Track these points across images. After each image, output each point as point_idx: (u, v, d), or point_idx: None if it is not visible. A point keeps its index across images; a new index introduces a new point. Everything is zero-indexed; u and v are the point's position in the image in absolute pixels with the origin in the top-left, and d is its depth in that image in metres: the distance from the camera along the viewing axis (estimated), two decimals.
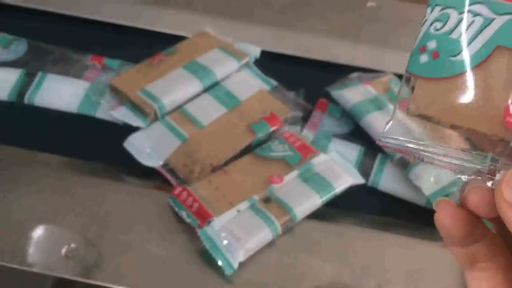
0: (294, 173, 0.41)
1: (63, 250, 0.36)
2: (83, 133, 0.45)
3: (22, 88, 0.46)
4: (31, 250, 0.37)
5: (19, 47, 0.50)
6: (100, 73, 0.48)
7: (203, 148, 0.42)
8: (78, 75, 0.48)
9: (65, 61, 0.49)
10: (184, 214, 0.38)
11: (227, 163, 0.42)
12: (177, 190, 0.39)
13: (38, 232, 0.37)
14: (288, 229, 0.39)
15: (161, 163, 0.41)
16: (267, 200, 0.39)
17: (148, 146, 0.42)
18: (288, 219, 0.39)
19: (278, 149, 0.42)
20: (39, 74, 0.47)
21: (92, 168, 0.42)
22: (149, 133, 0.43)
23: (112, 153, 0.43)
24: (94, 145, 0.44)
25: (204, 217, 0.38)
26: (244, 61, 0.48)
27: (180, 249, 0.38)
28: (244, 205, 0.39)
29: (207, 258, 0.37)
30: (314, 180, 0.41)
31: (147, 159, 0.41)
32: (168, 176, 0.41)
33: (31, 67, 0.48)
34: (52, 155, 0.43)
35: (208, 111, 0.44)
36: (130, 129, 0.43)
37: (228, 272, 0.36)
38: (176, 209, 0.39)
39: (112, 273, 0.36)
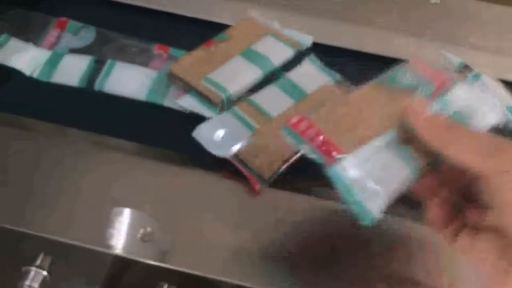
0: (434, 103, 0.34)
1: (139, 234, 0.37)
2: (151, 120, 0.46)
3: (92, 74, 0.47)
4: (108, 233, 0.38)
5: (88, 35, 0.51)
6: (166, 63, 0.49)
7: (274, 140, 0.42)
8: (144, 64, 0.49)
9: (132, 50, 0.50)
10: (306, 149, 0.33)
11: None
12: (294, 119, 0.34)
13: (114, 215, 0.38)
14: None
15: (232, 153, 0.41)
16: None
17: (218, 136, 0.42)
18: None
19: (404, 79, 0.36)
20: (109, 61, 0.48)
21: (162, 155, 0.43)
22: (219, 123, 0.43)
23: (181, 141, 0.43)
24: (163, 133, 0.45)
25: (332, 153, 0.32)
26: (297, 49, 0.49)
27: (251, 238, 0.38)
28: (380, 141, 0.33)
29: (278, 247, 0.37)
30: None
31: (217, 149, 0.42)
32: (239, 166, 0.41)
33: (100, 54, 0.49)
34: (123, 140, 0.44)
35: (276, 102, 0.45)
36: (197, 118, 0.44)
37: (368, 222, 0.31)
38: (293, 142, 0.34)
39: (186, 258, 0.37)
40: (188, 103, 0.44)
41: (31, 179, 0.41)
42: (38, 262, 0.43)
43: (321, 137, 0.33)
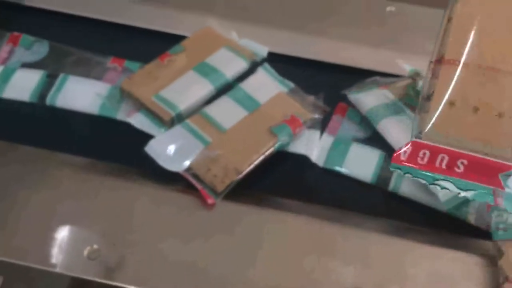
0: None
1: (86, 251, 0.37)
2: (104, 135, 0.45)
3: (43, 89, 0.47)
4: (53, 250, 0.37)
5: (41, 49, 0.50)
6: (121, 76, 0.49)
7: (227, 152, 0.42)
8: (98, 77, 0.48)
9: (86, 63, 0.49)
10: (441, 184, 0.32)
11: None
12: (402, 152, 0.34)
13: (60, 233, 0.38)
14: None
15: (184, 167, 0.41)
16: None
17: (170, 151, 0.42)
18: None
19: None
20: (61, 75, 0.47)
21: (113, 170, 0.43)
22: (171, 137, 0.43)
23: (134, 156, 0.43)
24: (115, 147, 0.44)
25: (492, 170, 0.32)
26: (251, 60, 0.49)
27: (202, 253, 0.38)
28: None
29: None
30: None
31: (170, 164, 0.41)
32: (193, 180, 0.41)
33: (53, 68, 0.48)
34: (74, 156, 0.43)
35: (229, 114, 0.44)
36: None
37: None
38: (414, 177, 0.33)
39: (134, 275, 0.36)
40: (138, 121, 0.44)
41: None
42: None
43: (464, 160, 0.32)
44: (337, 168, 0.44)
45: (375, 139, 0.46)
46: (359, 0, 0.56)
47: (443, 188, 0.34)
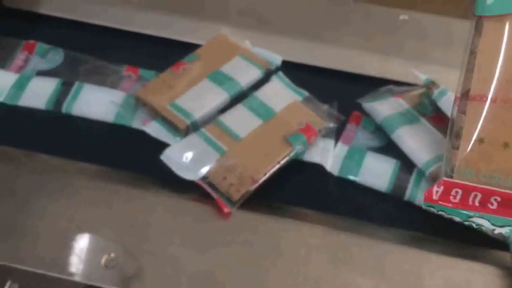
0: None
1: (103, 260, 0.37)
2: (119, 143, 0.45)
3: (59, 97, 0.47)
4: (70, 259, 0.37)
5: (56, 57, 0.50)
6: (136, 84, 0.49)
7: (242, 161, 0.42)
8: (113, 86, 0.48)
9: (101, 71, 0.50)
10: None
11: None
12: (434, 191, 0.35)
13: (77, 241, 0.38)
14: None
15: (200, 176, 0.41)
16: None
17: (186, 159, 0.42)
18: None
19: None
20: (76, 83, 0.48)
21: (129, 178, 0.43)
22: (187, 146, 0.43)
23: (149, 164, 0.43)
24: (131, 155, 0.44)
25: None
26: (265, 69, 0.49)
27: (218, 263, 0.38)
28: None
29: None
30: None
31: (186, 172, 0.41)
32: (208, 189, 0.41)
33: (68, 76, 0.49)
34: (90, 164, 0.44)
35: (244, 123, 0.45)
36: None
37: None
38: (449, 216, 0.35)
39: (150, 284, 0.36)
40: (153, 129, 0.44)
41: None
42: None
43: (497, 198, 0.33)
44: (352, 177, 0.44)
45: (390, 148, 0.46)
46: (372, 8, 0.56)
47: (477, 225, 0.34)
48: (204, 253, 0.38)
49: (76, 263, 0.37)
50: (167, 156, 0.42)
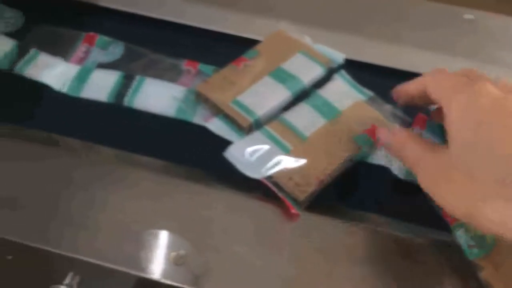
0: None
1: (171, 257, 0.37)
2: (180, 138, 0.45)
3: (121, 90, 0.47)
4: (137, 253, 0.37)
5: (116, 50, 0.50)
6: (195, 79, 0.48)
7: (308, 160, 0.41)
8: (173, 80, 0.48)
9: (160, 65, 0.49)
10: None
11: None
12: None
13: (144, 236, 0.38)
14: None
15: (265, 175, 0.41)
16: None
17: (250, 157, 0.41)
18: None
19: None
20: (137, 77, 0.48)
21: (190, 174, 0.42)
22: (251, 143, 0.42)
23: (210, 160, 0.43)
24: (192, 151, 0.44)
25: None
26: (328, 67, 0.48)
27: (286, 262, 0.37)
28: None
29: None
30: None
31: (250, 171, 0.41)
32: (274, 189, 0.40)
33: (128, 69, 0.48)
34: (151, 158, 0.43)
35: (308, 121, 0.44)
36: None
37: None
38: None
39: (219, 283, 0.36)
40: (216, 126, 0.44)
41: (58, 197, 0.40)
42: (67, 281, 0.42)
43: None
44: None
45: None
46: (436, 6, 0.55)
47: None
48: (271, 253, 0.38)
49: (145, 259, 0.37)
50: (230, 154, 0.42)
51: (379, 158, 0.43)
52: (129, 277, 0.37)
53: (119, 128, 0.46)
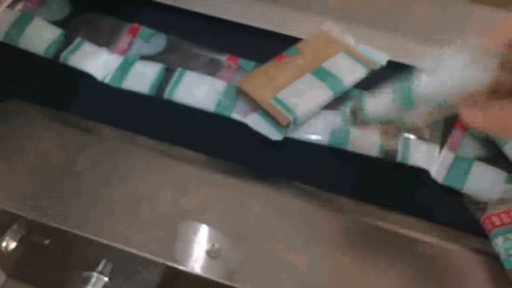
0: None
1: (207, 249, 0.37)
2: (221, 132, 0.45)
3: (162, 82, 0.47)
4: (173, 244, 0.37)
5: (159, 42, 0.51)
6: (235, 74, 0.48)
7: None
8: (214, 74, 0.48)
9: (202, 59, 0.49)
10: None
11: None
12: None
13: (182, 227, 0.38)
14: None
15: None
16: None
17: None
18: None
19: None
20: (178, 70, 0.48)
21: (229, 168, 0.42)
22: None
23: (248, 155, 0.43)
24: (232, 146, 0.44)
25: None
26: (370, 68, 0.47)
27: (322, 264, 0.37)
28: None
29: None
30: None
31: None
32: None
33: (170, 62, 0.49)
34: (192, 152, 0.43)
35: None
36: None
37: None
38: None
39: (254, 279, 0.36)
40: (255, 122, 0.44)
41: (99, 185, 0.41)
42: (99, 268, 0.43)
43: None
44: (458, 187, 0.42)
45: (499, 160, 0.43)
46: (486, 11, 0.53)
47: None
48: (308, 251, 0.37)
49: (180, 250, 0.37)
50: None
51: (417, 160, 0.42)
52: (162, 267, 0.37)
53: (159, 120, 0.46)
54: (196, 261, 0.36)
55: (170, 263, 0.36)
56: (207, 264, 0.36)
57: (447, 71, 0.32)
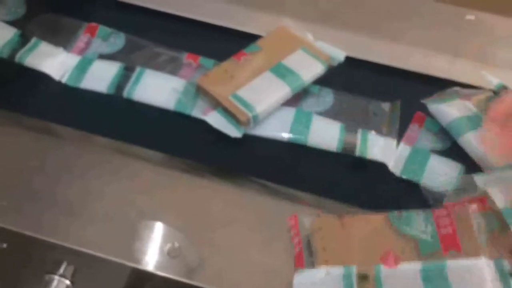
0: (417, 265, 0.34)
1: (166, 249, 0.36)
2: (180, 131, 0.45)
3: (121, 81, 0.47)
4: (132, 244, 0.37)
5: (117, 41, 0.50)
6: (195, 72, 0.48)
7: None
8: (174, 73, 0.48)
9: (162, 58, 0.49)
10: None
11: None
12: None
13: (140, 227, 0.38)
14: None
15: None
16: (364, 277, 0.34)
17: None
18: None
19: (416, 225, 0.36)
20: (138, 69, 0.47)
21: (188, 166, 0.42)
22: None
23: (210, 153, 0.43)
24: (191, 144, 0.44)
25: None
26: (328, 64, 0.48)
27: (279, 257, 0.37)
28: (337, 271, 0.35)
29: None
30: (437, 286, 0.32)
31: None
32: None
33: (129, 61, 0.48)
34: (150, 150, 0.43)
35: None
36: None
37: None
38: None
39: (212, 275, 0.36)
40: (214, 120, 0.44)
41: (55, 187, 0.40)
42: (61, 271, 0.42)
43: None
44: (416, 179, 0.43)
45: (454, 151, 0.44)
46: (438, 6, 0.54)
47: None
48: (268, 247, 0.38)
49: (140, 250, 0.37)
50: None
51: (375, 154, 0.43)
52: (123, 268, 0.37)
53: (118, 119, 0.46)
54: (156, 260, 0.36)
55: (128, 263, 0.36)
56: (168, 263, 0.36)
57: None
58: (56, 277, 0.42)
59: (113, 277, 0.40)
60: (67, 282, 0.42)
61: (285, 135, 0.44)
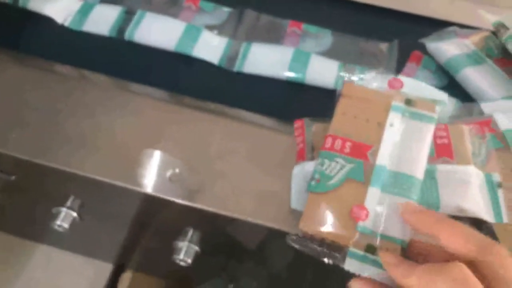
0: None
1: (168, 174, 0.38)
2: (180, 70, 0.46)
3: (122, 24, 0.47)
4: (137, 171, 0.38)
5: None
6: (195, 15, 0.49)
7: None
8: (174, 15, 0.49)
9: (161, 1, 0.50)
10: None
11: None
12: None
13: (144, 156, 0.39)
14: None
15: None
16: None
17: None
18: None
19: None
20: (138, 11, 0.48)
21: (190, 102, 0.43)
22: None
23: (210, 91, 0.43)
24: (191, 82, 0.45)
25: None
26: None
27: (276, 183, 0.38)
28: None
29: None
30: None
31: None
32: None
33: (130, 4, 0.49)
34: (151, 87, 0.44)
35: None
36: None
37: None
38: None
39: (212, 198, 0.37)
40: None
41: (61, 119, 0.41)
42: (68, 203, 0.44)
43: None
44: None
45: (451, 88, 0.45)
46: None
47: None
48: (266, 174, 0.39)
49: (143, 176, 0.38)
50: None
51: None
52: (129, 193, 0.38)
53: (121, 60, 0.46)
54: (159, 185, 0.37)
55: (134, 188, 0.37)
56: (169, 187, 0.37)
57: None
58: (64, 209, 0.44)
59: (118, 205, 0.41)
60: (74, 214, 0.44)
61: (284, 73, 0.45)
